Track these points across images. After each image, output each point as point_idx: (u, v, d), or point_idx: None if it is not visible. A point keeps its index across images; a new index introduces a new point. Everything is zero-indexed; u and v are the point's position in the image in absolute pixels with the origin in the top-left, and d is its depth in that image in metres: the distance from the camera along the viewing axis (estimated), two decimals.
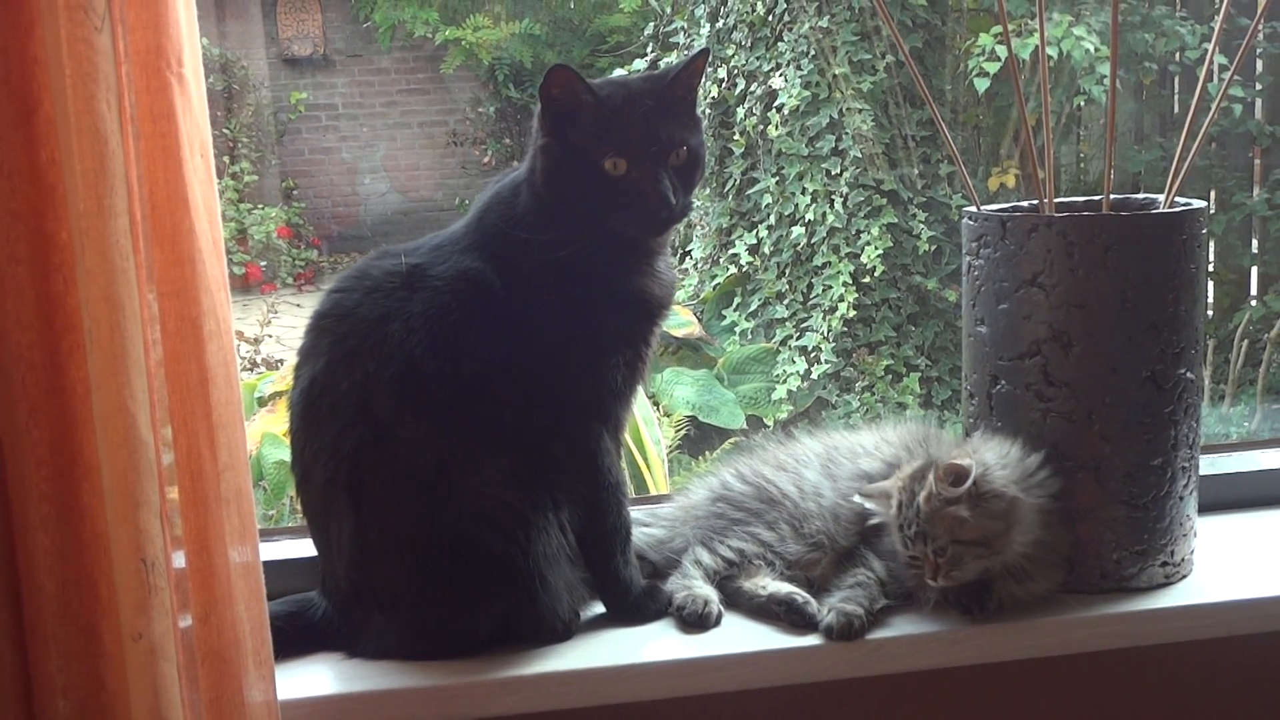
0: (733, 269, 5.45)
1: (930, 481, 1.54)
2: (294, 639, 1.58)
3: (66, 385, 1.18)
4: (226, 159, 6.58)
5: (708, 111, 5.36)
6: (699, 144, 1.59)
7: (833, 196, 5.15)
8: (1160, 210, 1.67)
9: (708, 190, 5.47)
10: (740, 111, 5.35)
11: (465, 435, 1.52)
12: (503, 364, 1.54)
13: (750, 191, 5.37)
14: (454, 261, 1.57)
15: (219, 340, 1.31)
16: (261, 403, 4.21)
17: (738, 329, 5.38)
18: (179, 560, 1.30)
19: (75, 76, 1.15)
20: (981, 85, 4.98)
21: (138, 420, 1.20)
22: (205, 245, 1.29)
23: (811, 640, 1.57)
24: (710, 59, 5.24)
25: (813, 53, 5.16)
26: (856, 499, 1.63)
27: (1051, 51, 4.90)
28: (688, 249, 5.57)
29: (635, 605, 1.65)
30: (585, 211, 1.55)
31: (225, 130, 6.68)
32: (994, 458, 1.58)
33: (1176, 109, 5.53)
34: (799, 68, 5.17)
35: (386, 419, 1.51)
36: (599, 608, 1.67)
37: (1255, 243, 5.43)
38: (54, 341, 1.18)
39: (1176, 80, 5.54)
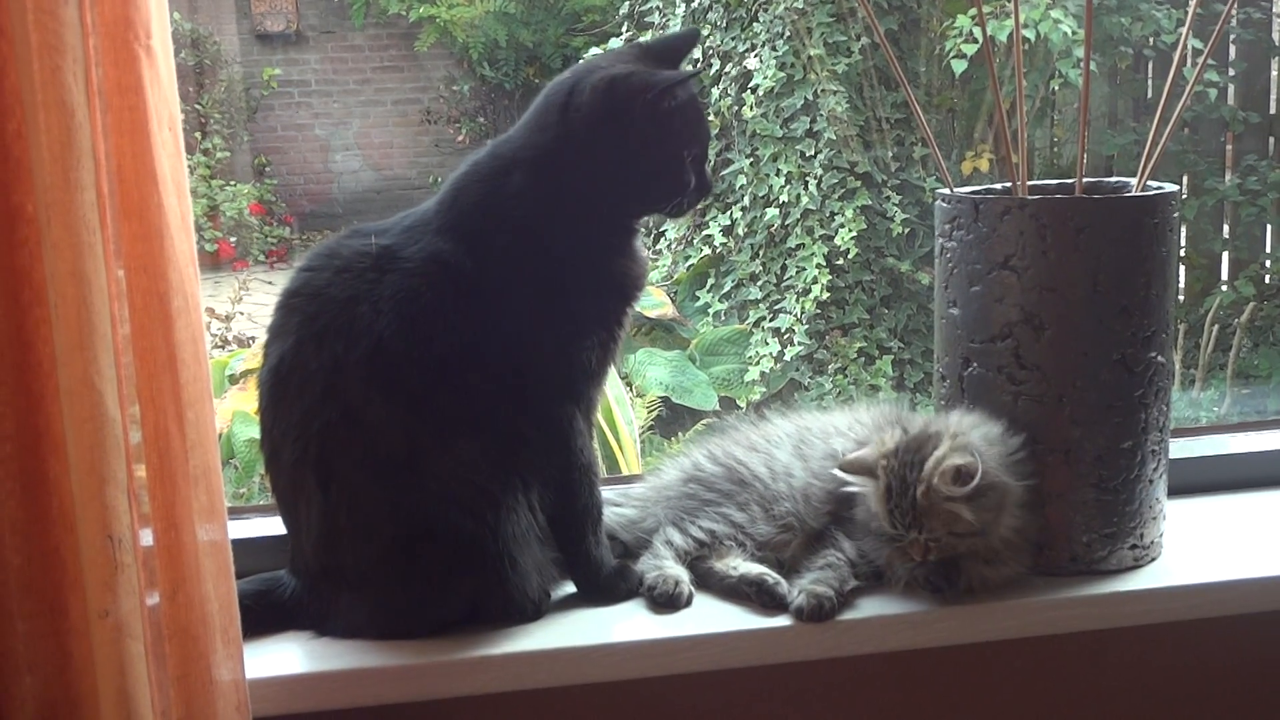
0: (706, 250, 5.43)
1: (931, 476, 1.53)
2: (263, 617, 1.57)
3: (33, 360, 1.17)
4: (198, 135, 6.54)
5: None
6: None
7: (807, 178, 5.14)
8: (1132, 194, 1.68)
9: None
10: (715, 92, 5.33)
11: (435, 417, 1.51)
12: (474, 346, 1.53)
13: (725, 172, 5.36)
14: (425, 243, 1.55)
15: (187, 317, 1.30)
16: (233, 380, 4.19)
17: (711, 310, 5.37)
18: (146, 538, 1.29)
19: (41, 48, 1.14)
20: (959, 67, 4.97)
21: (104, 396, 1.19)
22: (173, 220, 1.27)
23: (782, 621, 1.57)
24: None
25: (788, 34, 5.15)
26: (835, 473, 1.62)
27: (1029, 34, 4.89)
28: (662, 230, 5.56)
29: (606, 585, 1.64)
30: (646, 201, 1.59)
31: (197, 106, 6.64)
32: (980, 440, 1.58)
33: (1151, 93, 5.54)
34: (774, 49, 5.16)
35: (355, 400, 1.50)
36: (570, 588, 1.67)
37: (1226, 228, 5.45)
38: (20, 316, 1.17)
39: (1151, 65, 5.55)
